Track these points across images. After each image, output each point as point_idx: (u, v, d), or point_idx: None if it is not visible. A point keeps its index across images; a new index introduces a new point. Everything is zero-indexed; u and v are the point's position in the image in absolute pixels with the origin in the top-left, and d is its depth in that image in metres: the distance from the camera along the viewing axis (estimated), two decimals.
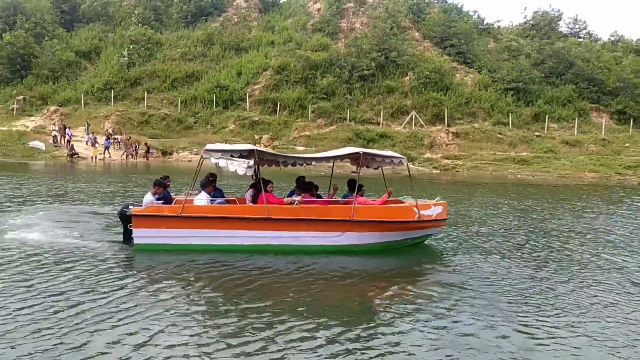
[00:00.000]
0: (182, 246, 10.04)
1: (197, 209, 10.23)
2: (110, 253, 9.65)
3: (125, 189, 20.16)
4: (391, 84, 47.59)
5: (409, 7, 57.83)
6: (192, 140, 41.26)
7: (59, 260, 8.88)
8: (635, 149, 42.22)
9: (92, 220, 12.93)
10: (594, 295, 8.29)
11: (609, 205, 20.58)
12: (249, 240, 10.24)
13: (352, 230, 10.58)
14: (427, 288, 8.39)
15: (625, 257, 11.19)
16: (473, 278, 8.91)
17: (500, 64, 50.79)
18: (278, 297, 7.55)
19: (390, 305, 7.46)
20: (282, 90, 46.73)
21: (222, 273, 8.71)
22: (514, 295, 8.07)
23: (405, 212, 10.93)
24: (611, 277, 9.35)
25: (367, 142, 41.77)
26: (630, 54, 57.18)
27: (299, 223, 10.37)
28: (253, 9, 59.52)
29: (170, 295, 7.44)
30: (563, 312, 7.37)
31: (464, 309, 7.25)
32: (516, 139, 42.88)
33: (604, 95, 49.33)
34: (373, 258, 10.36)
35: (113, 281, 7.92)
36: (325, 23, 54.31)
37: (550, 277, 9.19)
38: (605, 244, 12.62)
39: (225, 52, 51.92)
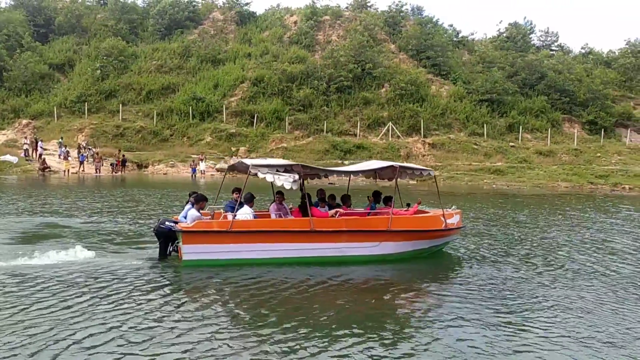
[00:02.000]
0: (230, 261, 10.14)
1: (246, 224, 10.40)
2: (155, 270, 9.76)
3: (109, 204, 19.78)
4: (368, 95, 47.89)
5: (385, 20, 58.43)
6: (168, 153, 40.89)
7: (98, 280, 8.90)
8: (606, 159, 43.04)
9: (108, 236, 12.96)
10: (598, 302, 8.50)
11: (600, 213, 20.91)
12: (294, 252, 10.48)
13: (389, 240, 11.06)
14: (452, 296, 8.78)
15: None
16: (489, 288, 9.25)
17: (474, 76, 51.51)
18: (322, 308, 7.90)
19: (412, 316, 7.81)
20: (259, 102, 46.68)
21: (272, 286, 8.94)
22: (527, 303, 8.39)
23: (434, 222, 11.62)
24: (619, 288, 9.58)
25: (344, 153, 41.89)
26: (600, 66, 58.57)
27: (341, 234, 10.72)
28: (230, 21, 59.52)
29: (222, 311, 7.62)
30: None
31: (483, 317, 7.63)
32: (491, 149, 43.40)
33: (575, 106, 50.29)
34: (400, 266, 10.90)
35: (167, 299, 8.05)
36: (302, 35, 54.56)
37: (566, 286, 9.48)
38: (608, 253, 12.88)
39: (201, 65, 51.74)
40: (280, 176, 10.34)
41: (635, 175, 38.56)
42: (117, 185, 29.47)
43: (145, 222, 15.32)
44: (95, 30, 56.16)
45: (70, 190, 25.35)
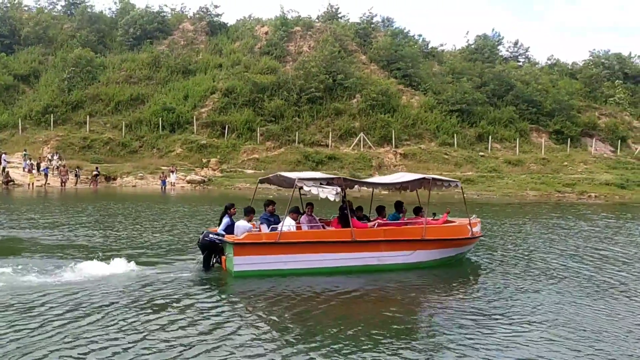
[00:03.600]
0: (278, 271, 10.54)
1: (293, 235, 10.90)
2: (206, 281, 10.19)
3: (90, 218, 19.23)
4: (339, 106, 48.01)
5: (356, 31, 58.82)
6: (137, 165, 40.21)
7: (155, 291, 9.25)
8: (572, 168, 43.95)
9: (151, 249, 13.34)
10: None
11: (582, 221, 21.22)
12: (338, 262, 10.93)
13: (422, 248, 11.62)
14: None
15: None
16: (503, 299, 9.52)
17: (445, 87, 52.12)
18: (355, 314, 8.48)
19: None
20: (230, 113, 46.36)
21: (319, 296, 9.36)
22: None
23: (462, 230, 12.30)
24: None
25: (316, 164, 41.81)
26: (566, 77, 59.95)
27: (379, 244, 11.27)
28: (200, 32, 59.15)
29: (273, 320, 8.03)
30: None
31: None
32: (461, 159, 43.90)
33: (542, 116, 51.29)
34: (427, 273, 11.40)
35: (223, 310, 8.41)
36: (273, 46, 54.51)
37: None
38: (603, 261, 13.13)
39: (171, 75, 51.21)
40: (324, 189, 10.81)
41: (601, 184, 39.46)
42: (90, 198, 28.76)
43: (165, 235, 15.81)
44: (62, 41, 55.20)
45: (49, 203, 24.62)
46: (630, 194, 37.90)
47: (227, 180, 38.36)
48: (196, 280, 10.23)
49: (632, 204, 33.33)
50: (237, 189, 36.39)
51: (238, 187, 36.78)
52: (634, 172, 43.66)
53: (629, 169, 44.72)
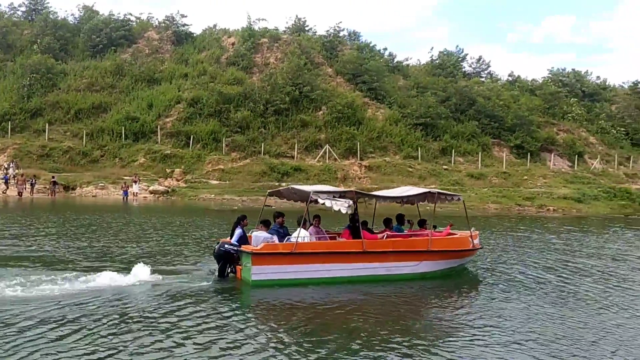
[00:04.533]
0: (293, 281, 11.01)
1: (308, 246, 11.36)
2: (223, 290, 10.63)
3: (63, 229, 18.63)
4: (305, 118, 48.11)
5: (323, 44, 59.20)
6: (98, 175, 39.33)
7: (174, 300, 9.67)
8: (532, 182, 45.10)
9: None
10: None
11: (548, 233, 21.67)
12: (349, 272, 11.41)
13: (428, 259, 12.22)
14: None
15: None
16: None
17: (409, 100, 52.82)
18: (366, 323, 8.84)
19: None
20: (196, 123, 45.88)
21: (333, 305, 9.89)
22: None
23: (465, 242, 13.00)
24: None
25: (281, 175, 41.73)
26: (526, 93, 61.60)
27: (388, 255, 11.80)
28: (165, 41, 58.50)
29: (289, 328, 8.43)
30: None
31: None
32: (425, 172, 44.49)
33: (503, 131, 52.49)
34: (431, 283, 12.04)
35: (242, 319, 8.84)
36: (240, 57, 54.33)
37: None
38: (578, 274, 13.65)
39: (135, 84, 50.41)
40: (337, 202, 11.34)
41: (559, 198, 40.60)
42: (46, 208, 27.89)
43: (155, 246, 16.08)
44: (22, 47, 53.79)
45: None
46: (586, 208, 39.13)
47: (191, 191, 37.87)
48: (213, 289, 10.63)
49: (589, 217, 34.41)
50: (202, 199, 35.96)
51: (202, 197, 36.37)
52: (590, 186, 45.11)
53: (585, 183, 46.17)
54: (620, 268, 14.86)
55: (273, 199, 17.25)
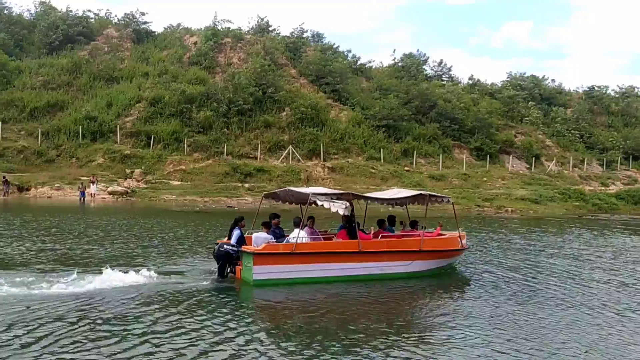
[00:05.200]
0: (293, 280, 11.35)
1: (307, 246, 11.72)
2: (223, 289, 10.96)
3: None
4: (269, 118, 47.90)
5: (286, 45, 59.07)
6: (54, 175, 38.17)
7: (177, 299, 9.96)
8: (491, 183, 46.10)
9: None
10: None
11: (512, 234, 22.07)
12: (345, 271, 11.79)
13: (420, 259, 12.67)
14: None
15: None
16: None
17: (372, 102, 53.25)
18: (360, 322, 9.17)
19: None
20: (157, 123, 45.06)
21: (333, 302, 10.40)
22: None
23: (454, 242, 13.49)
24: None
25: (244, 176, 41.44)
26: (486, 97, 62.93)
27: (382, 255, 12.24)
28: (125, 38, 57.29)
29: (289, 326, 8.78)
30: None
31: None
32: (387, 173, 44.90)
33: (464, 134, 53.48)
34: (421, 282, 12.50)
35: (243, 316, 9.18)
36: (202, 57, 53.68)
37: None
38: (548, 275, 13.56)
39: (94, 82, 49.18)
40: (335, 203, 11.69)
41: (517, 199, 41.62)
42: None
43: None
44: None
45: None
46: (543, 209, 40.22)
47: (151, 191, 37.17)
48: (214, 288, 10.97)
49: (545, 218, 35.38)
50: (163, 200, 35.34)
51: (163, 198, 35.73)
52: (546, 188, 46.42)
53: (542, 185, 47.48)
54: (582, 267, 15.38)
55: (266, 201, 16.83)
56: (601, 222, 33.48)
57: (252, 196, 37.88)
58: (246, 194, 38.41)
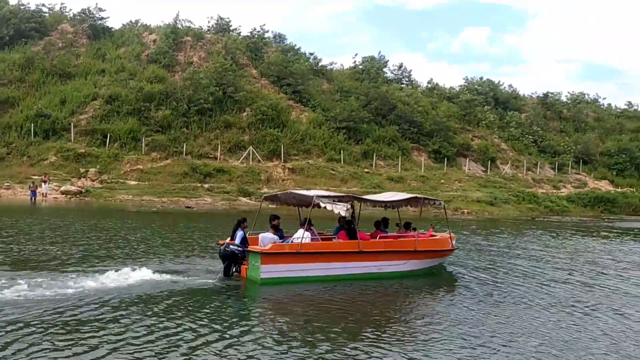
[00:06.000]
0: (297, 278, 11.84)
1: (311, 246, 12.15)
2: (230, 288, 11.52)
3: None
4: (229, 118, 47.48)
5: (247, 45, 58.72)
6: (4, 174, 36.82)
7: (190, 296, 10.40)
8: (448, 185, 47.02)
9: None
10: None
11: (474, 235, 22.46)
12: (346, 270, 12.31)
13: (414, 258, 13.33)
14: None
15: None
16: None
17: (333, 104, 53.51)
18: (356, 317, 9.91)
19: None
20: (113, 122, 44.03)
21: (336, 300, 10.85)
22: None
23: (445, 243, 14.22)
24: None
25: (204, 176, 40.96)
26: (444, 100, 64.18)
27: (380, 255, 12.84)
28: (81, 34, 55.73)
29: (295, 321, 9.36)
30: None
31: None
32: (347, 174, 45.18)
33: (422, 136, 54.34)
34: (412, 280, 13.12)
35: (252, 313, 9.94)
36: (162, 55, 52.74)
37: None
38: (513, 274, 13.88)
39: (47, 78, 47.66)
40: (337, 205, 12.21)
41: (473, 201, 42.56)
42: None
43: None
44: None
45: None
46: (497, 211, 41.27)
47: (107, 191, 36.28)
48: (222, 286, 11.50)
49: (500, 219, 36.35)
50: (119, 200, 34.55)
51: (119, 198, 34.93)
52: (501, 190, 47.67)
53: (497, 187, 48.74)
54: (544, 268, 15.93)
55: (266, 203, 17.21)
56: (553, 223, 34.64)
57: (211, 197, 37.48)
58: (205, 194, 37.97)
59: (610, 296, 12.43)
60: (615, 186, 58.07)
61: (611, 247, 22.41)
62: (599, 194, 51.06)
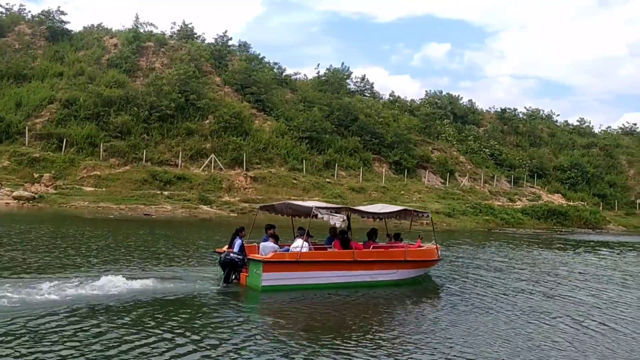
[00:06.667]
0: (296, 286, 12.27)
1: (309, 255, 12.68)
2: (230, 294, 11.96)
3: None
4: (191, 126, 47.03)
5: (211, 52, 58.42)
6: None
7: (192, 302, 10.96)
8: (408, 196, 47.74)
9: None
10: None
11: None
12: (341, 279, 12.82)
13: (404, 268, 13.99)
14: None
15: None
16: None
17: (296, 114, 53.66)
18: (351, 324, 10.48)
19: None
20: (70, 126, 43.00)
21: (334, 307, 11.55)
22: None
23: (432, 253, 14.92)
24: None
25: (164, 184, 40.40)
26: (405, 113, 65.27)
27: (373, 264, 13.48)
28: (39, 36, 54.32)
29: (295, 326, 9.92)
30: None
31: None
32: (309, 184, 45.36)
33: (384, 148, 55.08)
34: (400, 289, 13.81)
35: (253, 319, 10.26)
36: (123, 59, 51.90)
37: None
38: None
39: (2, 81, 46.24)
40: (334, 216, 12.72)
41: (432, 212, 43.20)
42: None
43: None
44: None
45: None
46: (455, 222, 42.15)
47: (61, 198, 35.32)
48: (223, 292, 12.00)
49: (458, 231, 37.13)
50: (74, 207, 33.69)
51: (74, 205, 34.07)
52: (459, 202, 48.74)
53: (455, 199, 49.80)
54: (507, 279, 16.56)
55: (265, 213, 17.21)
56: (509, 235, 35.62)
57: (171, 204, 36.97)
58: (165, 202, 37.43)
59: (569, 305, 13.04)
60: (567, 200, 60.12)
61: (567, 259, 23.33)
62: (552, 207, 52.79)
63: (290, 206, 14.50)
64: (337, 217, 12.75)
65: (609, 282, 17.11)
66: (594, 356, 9.09)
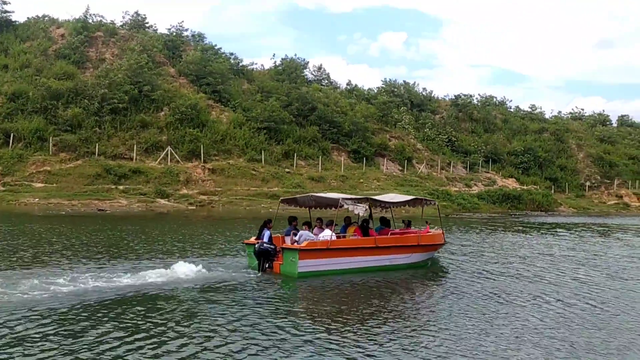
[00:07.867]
0: (327, 272, 13.47)
1: (339, 243, 13.91)
2: (267, 281, 12.90)
3: None
4: (146, 118, 45.94)
5: (164, 43, 57.08)
6: None
7: (235, 288, 11.92)
8: (367, 184, 48.11)
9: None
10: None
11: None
12: (365, 263, 14.14)
13: (417, 252, 15.38)
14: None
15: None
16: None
17: (254, 104, 53.08)
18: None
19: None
20: (17, 120, 41.44)
21: (363, 289, 12.65)
22: None
23: (439, 238, 16.36)
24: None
25: (118, 178, 39.43)
26: (363, 102, 65.50)
27: (391, 249, 14.77)
28: None
29: (330, 309, 10.66)
30: None
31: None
32: (268, 175, 45.10)
33: (342, 137, 55.21)
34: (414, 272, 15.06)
35: (285, 303, 11.09)
36: (71, 50, 50.15)
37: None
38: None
39: None
40: (358, 206, 14.07)
41: None
42: None
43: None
44: None
45: None
46: (413, 209, 42.63)
47: (10, 195, 34.06)
48: (261, 280, 12.87)
49: (417, 217, 37.59)
50: (23, 204, 32.51)
51: (24, 202, 32.88)
52: (417, 189, 49.35)
53: (413, 186, 50.45)
54: (478, 262, 16.95)
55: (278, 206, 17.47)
56: (466, 220, 36.36)
57: (126, 199, 36.16)
58: (120, 196, 36.57)
59: (538, 285, 13.59)
60: (521, 184, 61.84)
61: (531, 242, 23.99)
62: (506, 192, 54.22)
63: (314, 198, 15.87)
64: (360, 206, 14.08)
65: (576, 262, 17.71)
66: (580, 333, 9.43)
